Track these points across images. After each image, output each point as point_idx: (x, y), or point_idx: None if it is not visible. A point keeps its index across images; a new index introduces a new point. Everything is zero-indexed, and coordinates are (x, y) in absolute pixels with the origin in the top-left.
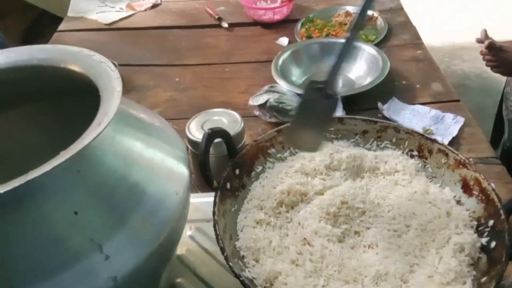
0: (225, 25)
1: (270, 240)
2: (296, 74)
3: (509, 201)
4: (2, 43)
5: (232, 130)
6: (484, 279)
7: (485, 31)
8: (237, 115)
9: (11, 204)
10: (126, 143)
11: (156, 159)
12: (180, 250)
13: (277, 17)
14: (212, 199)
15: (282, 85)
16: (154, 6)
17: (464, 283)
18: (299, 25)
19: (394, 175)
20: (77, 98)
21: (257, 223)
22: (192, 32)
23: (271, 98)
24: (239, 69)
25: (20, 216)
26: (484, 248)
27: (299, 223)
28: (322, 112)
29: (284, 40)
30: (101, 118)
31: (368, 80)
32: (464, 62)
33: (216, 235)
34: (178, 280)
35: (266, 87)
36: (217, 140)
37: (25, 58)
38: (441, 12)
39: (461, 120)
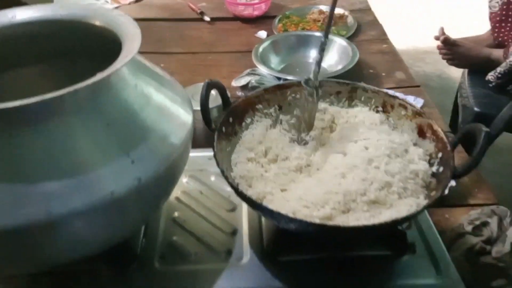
0: (207, 19)
1: (261, 173)
2: (275, 62)
3: (454, 138)
4: None
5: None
6: (433, 193)
7: (442, 28)
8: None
9: (67, 109)
10: (144, 84)
11: (169, 100)
12: (177, 192)
13: (256, 13)
14: (202, 154)
15: (262, 69)
16: (138, 0)
17: (418, 197)
18: (276, 20)
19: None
20: (92, 59)
21: (249, 160)
22: (176, 25)
23: (253, 79)
24: (221, 57)
25: (72, 121)
26: (434, 175)
27: (286, 158)
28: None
29: (262, 34)
30: (126, 54)
31: (339, 67)
32: (426, 65)
33: (216, 161)
34: (176, 214)
35: (247, 70)
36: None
37: (50, 13)
38: (405, 18)
39: (420, 101)
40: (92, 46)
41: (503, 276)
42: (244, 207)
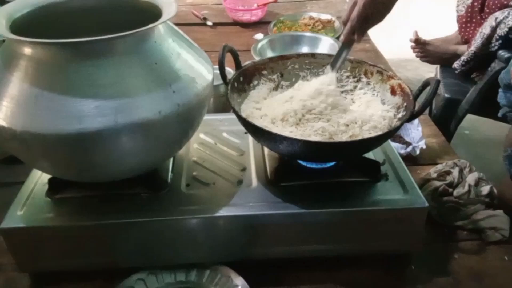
0: (209, 23)
1: (261, 116)
2: None
3: (416, 91)
4: None
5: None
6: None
7: (416, 32)
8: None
9: (128, 47)
10: (178, 42)
11: (195, 59)
12: (195, 144)
13: (254, 18)
14: (215, 117)
15: None
16: None
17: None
18: (271, 24)
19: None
20: None
21: (255, 108)
22: (182, 28)
23: None
24: None
25: (129, 57)
26: (400, 119)
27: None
28: None
29: (259, 36)
30: (165, 16)
31: None
32: (408, 71)
33: (229, 102)
34: (195, 158)
35: (248, 62)
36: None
37: None
38: (388, 28)
39: None
40: (135, 20)
41: (464, 210)
42: (251, 152)
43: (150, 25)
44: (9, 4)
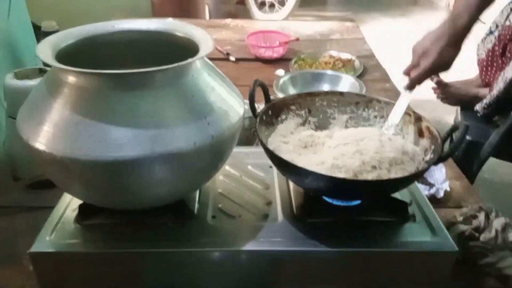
0: (232, 59)
1: (289, 149)
2: (292, 92)
3: (444, 134)
4: None
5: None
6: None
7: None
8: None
9: (167, 80)
10: (212, 76)
11: (228, 93)
12: (221, 176)
13: (275, 55)
14: (240, 150)
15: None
16: None
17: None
18: (292, 62)
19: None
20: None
21: (282, 142)
22: None
23: None
24: (245, 89)
25: (171, 90)
26: (427, 162)
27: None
28: None
29: (280, 72)
30: (202, 51)
31: None
32: (425, 112)
33: (258, 134)
34: (221, 190)
35: (271, 97)
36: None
37: (143, 25)
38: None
39: None
40: (172, 53)
41: (491, 256)
42: (276, 186)
43: (190, 60)
44: (55, 35)
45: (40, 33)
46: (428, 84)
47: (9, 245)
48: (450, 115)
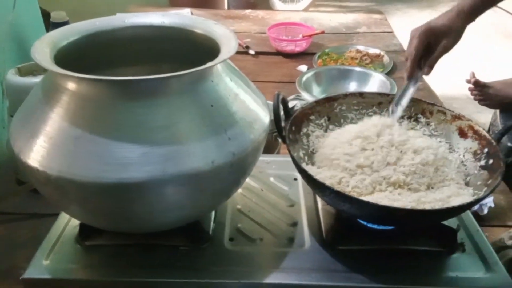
0: (252, 52)
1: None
2: (317, 91)
3: (497, 134)
4: None
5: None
6: (489, 181)
7: (473, 73)
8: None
9: (183, 87)
10: (235, 81)
11: (253, 99)
12: (240, 189)
13: (298, 49)
14: (261, 158)
15: (306, 96)
16: None
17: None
18: (316, 56)
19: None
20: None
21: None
22: None
23: (298, 103)
24: (264, 86)
25: (187, 98)
26: (483, 167)
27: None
28: None
29: (303, 67)
30: (224, 53)
31: None
32: (454, 110)
33: (294, 161)
34: (240, 206)
35: (293, 96)
36: None
37: (156, 20)
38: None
39: None
40: (187, 52)
41: None
42: (302, 203)
43: (210, 64)
44: (55, 31)
45: (49, 24)
46: (457, 81)
47: (8, 257)
48: (481, 113)
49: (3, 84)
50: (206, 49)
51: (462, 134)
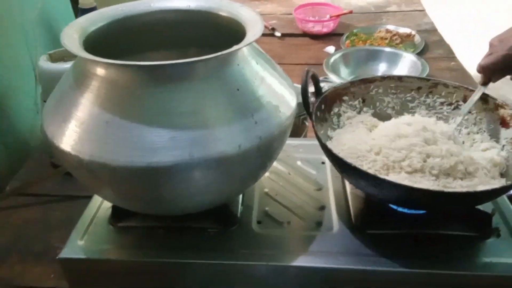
0: (278, 34)
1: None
2: (345, 73)
3: None
4: None
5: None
6: None
7: None
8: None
9: (209, 71)
10: (261, 64)
11: (279, 82)
12: (267, 173)
13: (325, 30)
14: (288, 142)
15: (334, 78)
16: None
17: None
18: (344, 37)
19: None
20: (213, 48)
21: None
22: None
23: (326, 85)
24: (291, 68)
25: (213, 83)
26: None
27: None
28: None
29: (331, 49)
30: (251, 36)
31: None
32: (488, 90)
33: (318, 138)
34: (267, 189)
35: (320, 78)
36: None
37: (182, 3)
38: (473, 41)
39: None
40: (214, 35)
41: None
42: (330, 187)
43: (235, 47)
44: (83, 17)
45: (77, 10)
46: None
47: (43, 239)
48: None
49: (35, 70)
50: (232, 32)
51: (504, 123)
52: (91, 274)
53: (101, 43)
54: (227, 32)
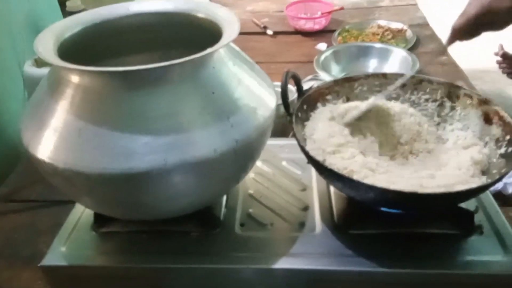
0: (269, 32)
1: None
2: (336, 70)
3: None
4: None
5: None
6: (504, 170)
7: (501, 45)
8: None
9: (179, 76)
10: (238, 66)
11: (257, 83)
12: (252, 174)
13: (317, 27)
14: (274, 142)
15: (324, 76)
16: None
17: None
18: (336, 34)
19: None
20: (190, 49)
21: None
22: (241, 37)
23: (316, 84)
24: (283, 67)
25: (188, 86)
26: (502, 155)
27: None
28: None
29: (322, 46)
30: (226, 38)
31: None
32: (485, 83)
33: (297, 139)
34: (252, 191)
35: (310, 76)
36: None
37: (159, 7)
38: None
39: None
40: (192, 37)
41: None
42: (314, 187)
43: (209, 50)
44: (59, 23)
45: (66, 13)
46: (488, 53)
47: (31, 244)
48: None
49: (23, 75)
50: (210, 34)
51: (487, 120)
52: (74, 280)
53: (79, 48)
54: (206, 34)
